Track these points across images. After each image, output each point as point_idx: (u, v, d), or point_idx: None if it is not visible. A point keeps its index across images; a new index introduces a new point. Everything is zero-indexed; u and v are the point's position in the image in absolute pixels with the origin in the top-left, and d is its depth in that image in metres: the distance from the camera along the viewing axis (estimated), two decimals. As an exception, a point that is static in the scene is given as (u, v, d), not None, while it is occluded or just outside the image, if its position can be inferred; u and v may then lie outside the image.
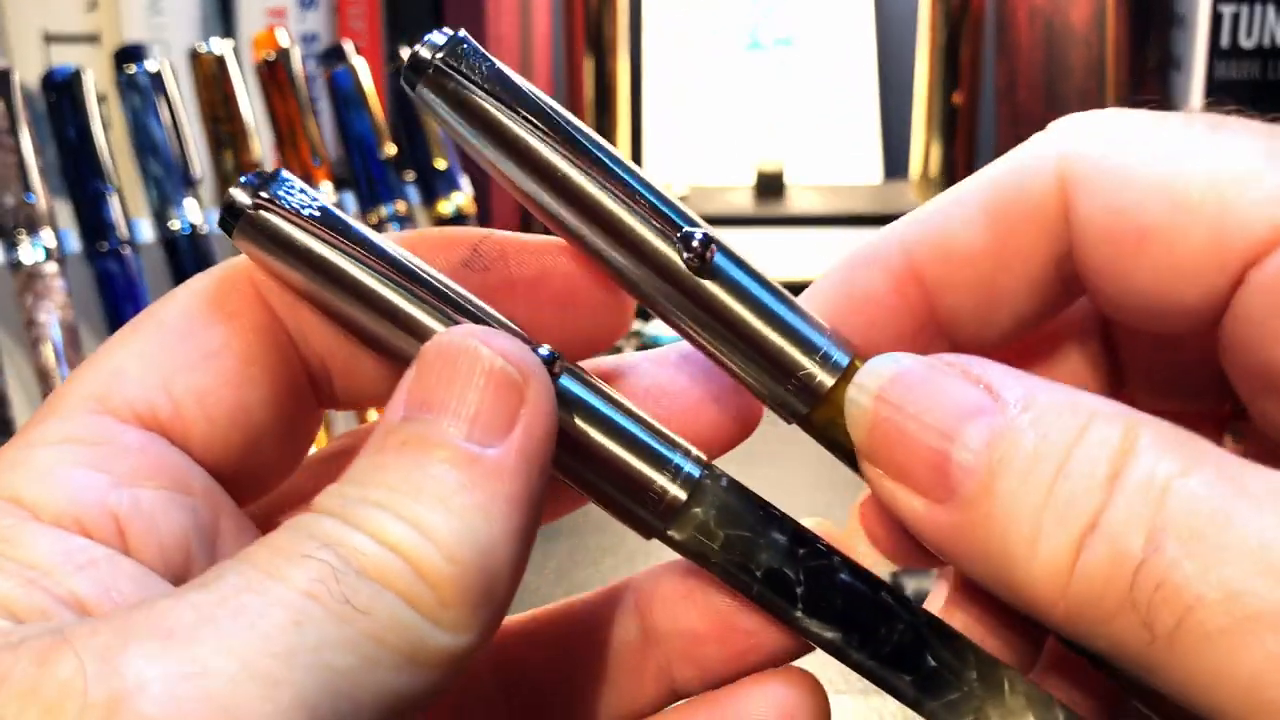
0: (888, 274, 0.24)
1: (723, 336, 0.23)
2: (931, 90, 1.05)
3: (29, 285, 0.64)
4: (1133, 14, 0.92)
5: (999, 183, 0.24)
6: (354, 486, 0.20)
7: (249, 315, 0.23)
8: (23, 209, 0.64)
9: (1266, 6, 0.88)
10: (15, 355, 0.66)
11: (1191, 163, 0.21)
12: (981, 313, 0.24)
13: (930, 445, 0.21)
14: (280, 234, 0.22)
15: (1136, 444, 0.20)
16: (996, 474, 0.20)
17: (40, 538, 0.19)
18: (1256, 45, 0.89)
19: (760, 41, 1.15)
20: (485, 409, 0.20)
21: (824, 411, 0.23)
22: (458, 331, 0.21)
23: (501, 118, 0.22)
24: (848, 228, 1.02)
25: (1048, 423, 0.20)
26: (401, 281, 0.22)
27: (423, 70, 0.22)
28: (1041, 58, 1.05)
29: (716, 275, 0.23)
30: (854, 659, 0.23)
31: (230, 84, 0.73)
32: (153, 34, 0.86)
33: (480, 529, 0.19)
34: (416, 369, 0.21)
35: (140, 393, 0.22)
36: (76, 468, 0.21)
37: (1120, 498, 0.19)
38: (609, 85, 1.05)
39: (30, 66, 0.81)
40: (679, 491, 0.23)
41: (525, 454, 0.20)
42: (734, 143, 1.13)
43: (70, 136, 0.67)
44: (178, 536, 0.21)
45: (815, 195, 1.06)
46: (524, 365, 0.21)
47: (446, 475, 0.20)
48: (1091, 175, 0.22)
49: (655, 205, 0.23)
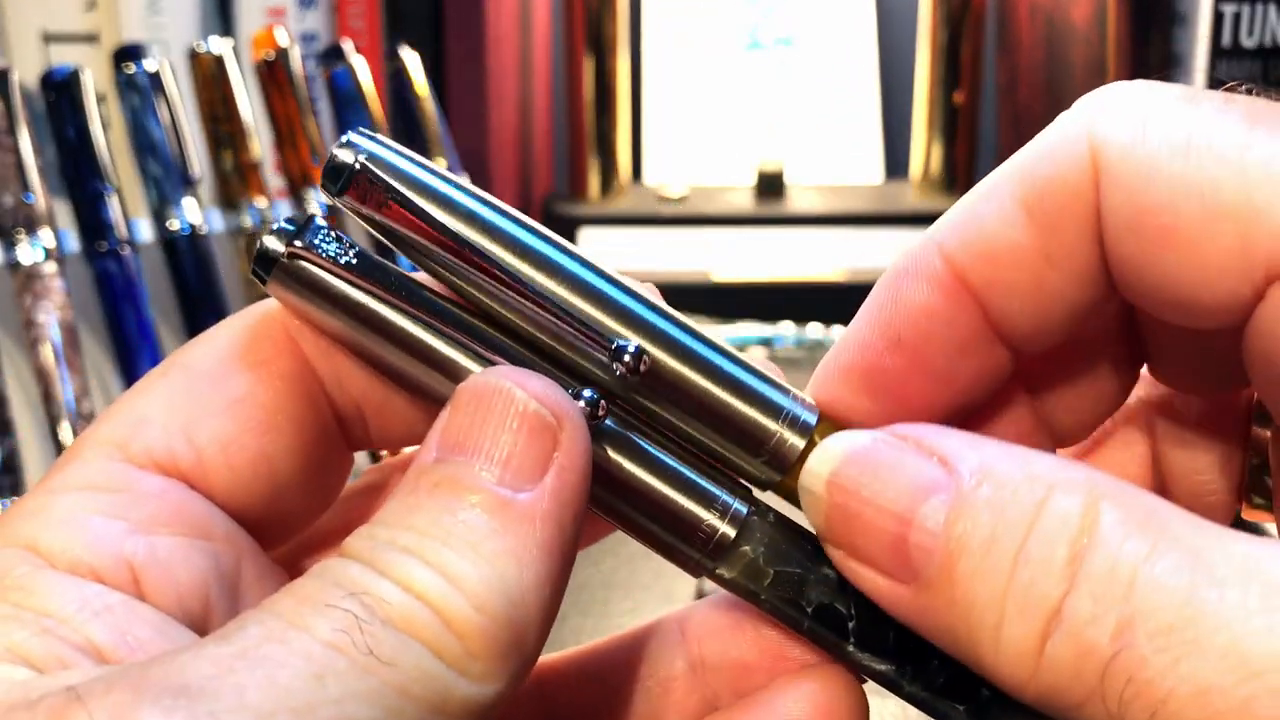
0: (933, 283, 0.23)
1: (678, 430, 0.23)
2: (932, 89, 1.05)
3: (28, 285, 0.64)
4: (1134, 12, 0.92)
5: (1033, 173, 0.22)
6: (383, 529, 0.20)
7: (278, 362, 0.23)
8: (21, 209, 0.64)
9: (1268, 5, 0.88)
10: (14, 355, 0.65)
11: (1223, 161, 0.20)
12: (1034, 312, 0.23)
13: (887, 528, 0.21)
14: (317, 282, 0.22)
15: (1098, 521, 0.19)
16: (955, 556, 0.20)
17: (55, 585, 0.19)
18: (1258, 44, 0.89)
19: (760, 41, 1.15)
20: (518, 452, 0.20)
21: (795, 477, 0.23)
22: (493, 373, 0.21)
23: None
24: (848, 228, 1.02)
25: (1004, 498, 0.20)
26: (437, 324, 0.22)
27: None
28: (1042, 56, 1.05)
29: (657, 381, 0.22)
30: (907, 691, 0.23)
31: (229, 84, 0.72)
32: (152, 33, 0.86)
33: (510, 576, 0.19)
34: (450, 410, 0.21)
35: (161, 439, 0.22)
36: (93, 515, 0.20)
37: (1085, 585, 0.19)
38: (609, 85, 1.04)
39: (29, 66, 0.81)
40: (728, 529, 0.23)
41: (559, 499, 0.20)
42: (734, 143, 1.13)
43: (69, 136, 0.67)
44: (196, 583, 0.21)
45: (815, 195, 1.06)
46: (558, 408, 0.21)
47: (477, 520, 0.19)
48: (1120, 165, 0.21)
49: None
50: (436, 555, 0.19)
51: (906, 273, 0.24)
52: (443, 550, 0.19)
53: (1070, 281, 0.23)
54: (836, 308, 0.96)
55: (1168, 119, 0.21)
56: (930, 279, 0.23)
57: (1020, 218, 0.22)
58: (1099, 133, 0.22)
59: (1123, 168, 0.21)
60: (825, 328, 0.94)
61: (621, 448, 0.23)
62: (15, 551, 0.20)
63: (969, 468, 0.20)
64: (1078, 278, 0.23)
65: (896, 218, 1.02)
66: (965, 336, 0.23)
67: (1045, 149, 0.22)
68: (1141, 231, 0.21)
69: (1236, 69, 0.89)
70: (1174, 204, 0.21)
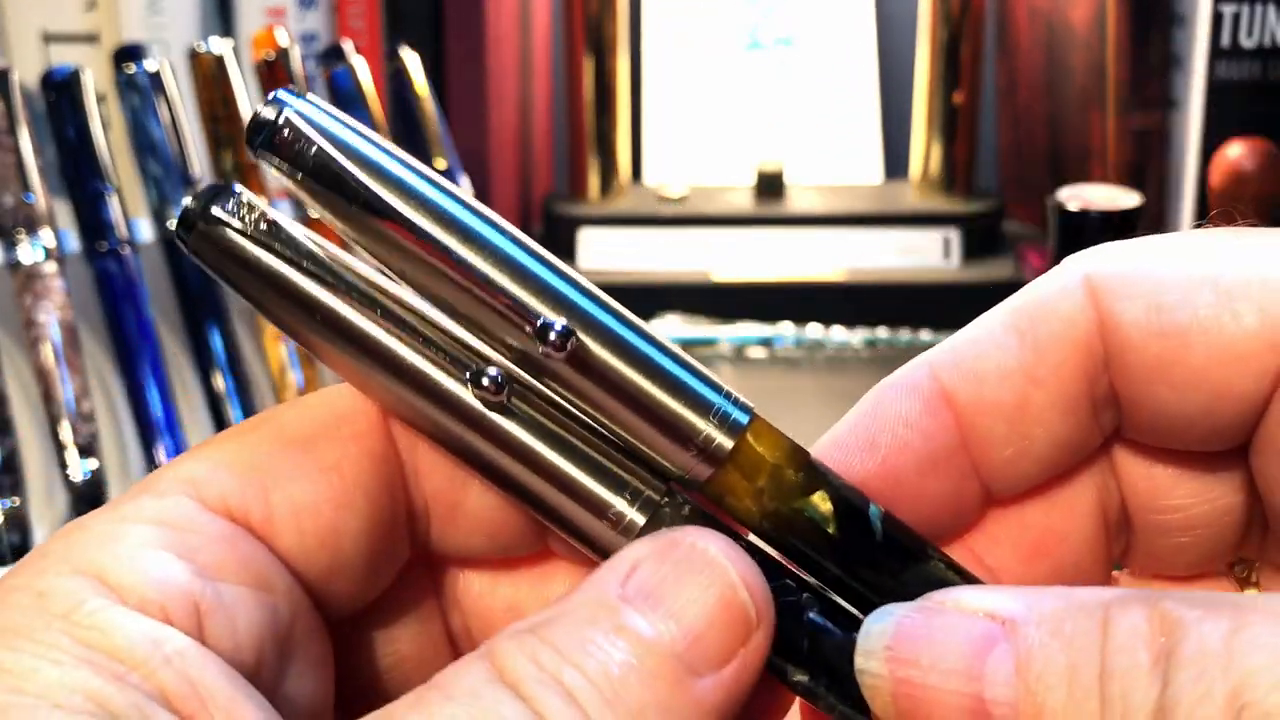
0: (916, 395, 0.24)
1: (600, 421, 0.23)
2: (932, 90, 1.05)
3: (28, 285, 0.64)
4: (1133, 13, 0.92)
5: (1026, 304, 0.23)
6: (549, 654, 0.19)
7: (369, 440, 0.23)
8: (21, 209, 0.64)
9: (1267, 6, 0.88)
10: (14, 355, 0.66)
11: (1228, 256, 0.21)
12: (1015, 438, 0.23)
13: (959, 690, 0.20)
14: (232, 247, 0.22)
15: (1169, 617, 0.19)
16: (1041, 697, 0.19)
17: (127, 625, 0.19)
18: (1257, 45, 0.89)
19: (760, 41, 1.15)
20: (713, 634, 0.20)
21: (723, 479, 0.23)
22: (708, 539, 0.21)
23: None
24: (848, 228, 1.02)
25: (1067, 630, 0.19)
26: (347, 295, 0.22)
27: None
28: (1042, 58, 1.05)
29: (587, 362, 0.22)
30: (825, 702, 0.22)
31: (229, 84, 0.72)
32: (152, 33, 0.86)
33: None
34: (656, 554, 0.20)
35: (238, 490, 0.22)
36: (164, 552, 0.20)
37: (1180, 674, 0.18)
38: (609, 85, 1.04)
39: (29, 66, 0.81)
40: (638, 515, 0.22)
41: (730, 695, 0.20)
42: (734, 143, 1.13)
43: (69, 136, 0.67)
44: (254, 635, 0.21)
45: (815, 195, 1.06)
46: (764, 605, 0.21)
47: (647, 691, 0.19)
48: (1126, 281, 0.22)
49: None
50: (599, 714, 0.18)
51: (893, 384, 0.24)
52: (605, 711, 0.18)
53: (1054, 408, 0.23)
54: (836, 308, 0.96)
55: (1158, 243, 0.22)
56: (915, 390, 0.24)
57: (1011, 340, 0.23)
58: (1096, 267, 0.23)
59: (1130, 281, 0.22)
60: (825, 328, 0.94)
61: (531, 427, 0.22)
62: (85, 581, 0.20)
63: (1018, 613, 0.20)
64: (1062, 404, 0.23)
65: (896, 218, 1.02)
66: (940, 455, 0.24)
67: (1039, 286, 0.23)
68: (1161, 332, 0.22)
69: (1236, 69, 0.89)
70: (1189, 296, 0.22)
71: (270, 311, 0.23)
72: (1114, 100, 0.94)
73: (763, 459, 0.23)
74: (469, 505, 0.24)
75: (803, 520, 0.23)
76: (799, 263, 1.01)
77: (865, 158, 1.13)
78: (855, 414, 0.24)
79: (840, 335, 0.94)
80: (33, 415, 0.65)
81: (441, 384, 0.22)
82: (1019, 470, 0.24)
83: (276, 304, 0.22)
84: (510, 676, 0.19)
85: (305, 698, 0.22)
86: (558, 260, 0.22)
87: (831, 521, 0.23)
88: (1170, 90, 0.94)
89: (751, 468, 0.23)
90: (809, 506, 0.23)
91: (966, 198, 1.04)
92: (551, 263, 0.22)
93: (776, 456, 0.23)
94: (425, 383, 0.22)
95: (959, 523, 0.25)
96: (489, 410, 0.22)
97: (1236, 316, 0.21)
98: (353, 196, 0.21)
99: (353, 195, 0.21)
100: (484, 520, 0.24)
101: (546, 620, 0.20)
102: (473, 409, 0.22)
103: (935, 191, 1.05)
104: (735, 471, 0.23)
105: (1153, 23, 0.92)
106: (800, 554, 0.23)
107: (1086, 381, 0.23)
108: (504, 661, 0.19)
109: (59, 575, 0.20)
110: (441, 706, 0.19)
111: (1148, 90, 0.93)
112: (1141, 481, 0.25)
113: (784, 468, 0.23)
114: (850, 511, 0.23)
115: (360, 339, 0.22)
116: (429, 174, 0.22)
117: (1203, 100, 0.90)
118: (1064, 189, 0.72)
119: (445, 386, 0.22)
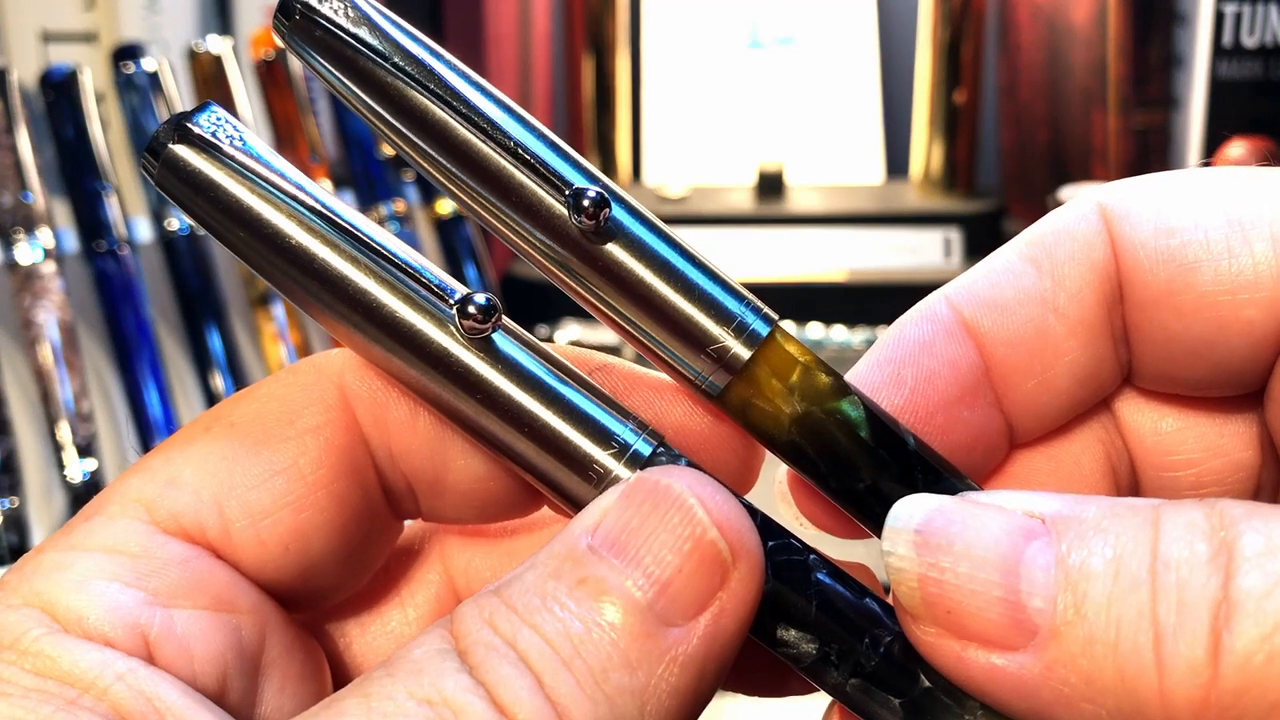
0: (937, 324, 0.23)
1: (625, 307, 0.22)
2: (933, 89, 1.04)
3: (26, 285, 0.64)
4: (1135, 12, 0.92)
5: (1041, 235, 0.23)
6: (505, 618, 0.18)
7: (327, 431, 0.22)
8: (20, 208, 0.64)
9: (1268, 5, 0.88)
10: (13, 355, 0.65)
11: (1241, 189, 0.21)
12: (1037, 369, 0.23)
13: (992, 580, 0.18)
14: (197, 175, 0.21)
15: (1228, 514, 0.18)
16: (1082, 590, 0.18)
17: (72, 650, 0.19)
18: (1259, 44, 0.89)
19: (761, 40, 1.15)
20: (681, 579, 0.19)
21: (739, 389, 0.22)
22: (677, 475, 0.20)
23: (372, 66, 0.21)
24: (848, 227, 1.02)
25: (1113, 525, 0.18)
26: (318, 223, 0.21)
27: (291, 16, 0.21)
28: (1043, 57, 1.04)
29: (615, 238, 0.21)
30: (832, 679, 0.21)
31: (228, 83, 0.72)
32: (150, 33, 0.86)
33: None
34: (620, 499, 0.19)
35: (191, 507, 0.21)
36: (112, 582, 0.20)
37: (1246, 566, 0.17)
38: (609, 85, 1.04)
39: (28, 65, 0.81)
40: (624, 470, 0.21)
41: (708, 644, 0.19)
42: (734, 143, 1.13)
43: (68, 135, 0.67)
44: (212, 657, 0.20)
45: (816, 195, 1.06)
46: (739, 542, 0.19)
47: (612, 644, 0.18)
48: (1138, 208, 0.22)
49: (542, 160, 0.21)
50: (554, 678, 0.17)
51: (914, 316, 0.23)
52: (562, 673, 0.17)
53: (1075, 336, 0.23)
54: (837, 307, 0.96)
55: (1169, 177, 0.22)
56: (935, 320, 0.23)
57: (1027, 268, 0.23)
58: (1108, 196, 0.22)
59: (1142, 206, 0.22)
60: (825, 327, 0.94)
61: (511, 370, 0.21)
62: (30, 612, 0.19)
63: (1062, 510, 0.19)
64: (1083, 330, 0.22)
65: (897, 217, 1.02)
66: (966, 385, 0.23)
67: (1053, 216, 0.23)
68: (1170, 256, 0.21)
69: (1237, 68, 0.89)
70: (1200, 219, 0.21)
71: (240, 248, 0.21)
72: (1115, 99, 0.94)
73: (794, 358, 0.22)
74: (451, 479, 0.23)
75: (835, 423, 0.22)
76: (799, 262, 1.00)
77: (866, 157, 1.12)
78: (877, 351, 0.23)
79: (841, 335, 0.93)
80: (31, 415, 0.65)
81: (423, 324, 0.21)
82: (1040, 405, 0.23)
83: (246, 240, 0.21)
84: (462, 644, 0.18)
85: (289, 712, 0.22)
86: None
87: (864, 426, 0.22)
88: (1171, 89, 0.93)
89: (784, 364, 0.22)
90: (842, 409, 0.22)
91: (967, 197, 1.04)
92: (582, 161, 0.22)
93: (808, 359, 0.22)
94: (405, 322, 0.21)
95: (986, 463, 0.24)
96: (473, 347, 0.21)
97: (1248, 243, 0.21)
98: (394, 69, 0.21)
99: (395, 66, 0.21)
100: (468, 493, 0.23)
101: (510, 579, 0.19)
102: (455, 348, 0.21)
103: (936, 191, 1.05)
104: (766, 367, 0.22)
105: (1154, 22, 0.92)
106: (831, 460, 0.22)
107: (1104, 309, 0.22)
108: (459, 627, 0.18)
109: (9, 608, 0.19)
110: (381, 684, 0.18)
111: (1149, 89, 0.93)
112: (1150, 437, 0.24)
113: (815, 370, 0.22)
114: (882, 423, 0.22)
115: (337, 278, 0.21)
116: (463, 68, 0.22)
117: (1204, 99, 0.90)
118: (1065, 188, 0.72)
119: (427, 327, 0.21)
